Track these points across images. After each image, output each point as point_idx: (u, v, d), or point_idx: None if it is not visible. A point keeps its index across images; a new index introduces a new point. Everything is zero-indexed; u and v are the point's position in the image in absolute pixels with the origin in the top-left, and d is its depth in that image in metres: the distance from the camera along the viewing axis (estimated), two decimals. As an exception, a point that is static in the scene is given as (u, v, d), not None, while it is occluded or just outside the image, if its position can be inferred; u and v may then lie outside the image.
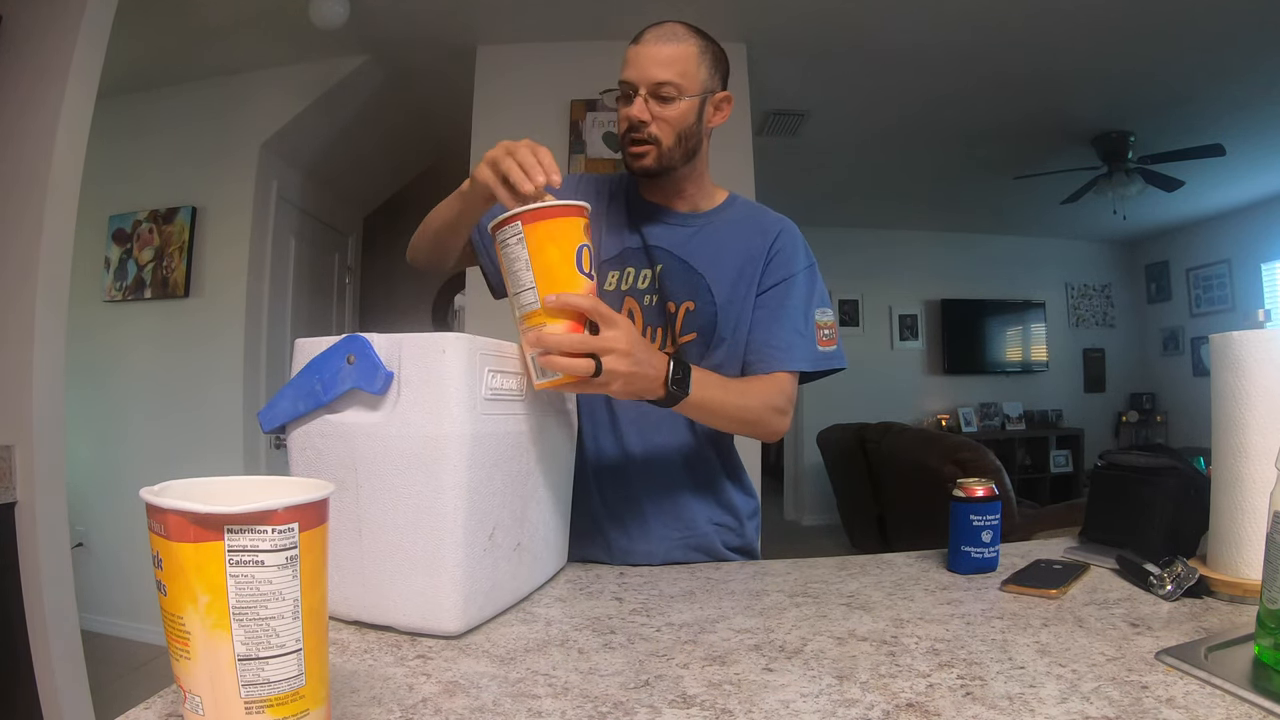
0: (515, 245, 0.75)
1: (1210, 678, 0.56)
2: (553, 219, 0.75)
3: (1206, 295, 5.69)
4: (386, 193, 4.48)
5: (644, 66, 0.96)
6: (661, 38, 0.97)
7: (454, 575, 0.67)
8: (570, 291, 0.75)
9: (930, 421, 5.90)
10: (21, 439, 1.75)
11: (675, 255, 1.05)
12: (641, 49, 0.97)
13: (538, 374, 0.77)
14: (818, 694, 0.55)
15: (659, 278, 1.04)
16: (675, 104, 0.97)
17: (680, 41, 0.97)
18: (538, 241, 0.74)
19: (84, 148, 1.90)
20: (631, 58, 0.98)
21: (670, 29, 0.98)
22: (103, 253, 3.15)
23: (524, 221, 0.74)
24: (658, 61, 0.96)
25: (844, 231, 5.86)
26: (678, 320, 1.04)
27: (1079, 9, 2.67)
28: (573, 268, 0.76)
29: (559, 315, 0.75)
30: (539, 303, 0.75)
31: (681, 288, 1.04)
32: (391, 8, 2.70)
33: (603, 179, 1.14)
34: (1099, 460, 1.08)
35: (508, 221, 0.75)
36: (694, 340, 1.03)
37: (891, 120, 3.80)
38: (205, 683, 0.42)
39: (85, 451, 2.94)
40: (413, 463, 0.67)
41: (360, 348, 0.70)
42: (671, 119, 0.98)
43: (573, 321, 0.76)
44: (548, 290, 0.74)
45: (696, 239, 1.05)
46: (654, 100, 0.97)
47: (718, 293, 1.03)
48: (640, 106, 0.97)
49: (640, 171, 1.01)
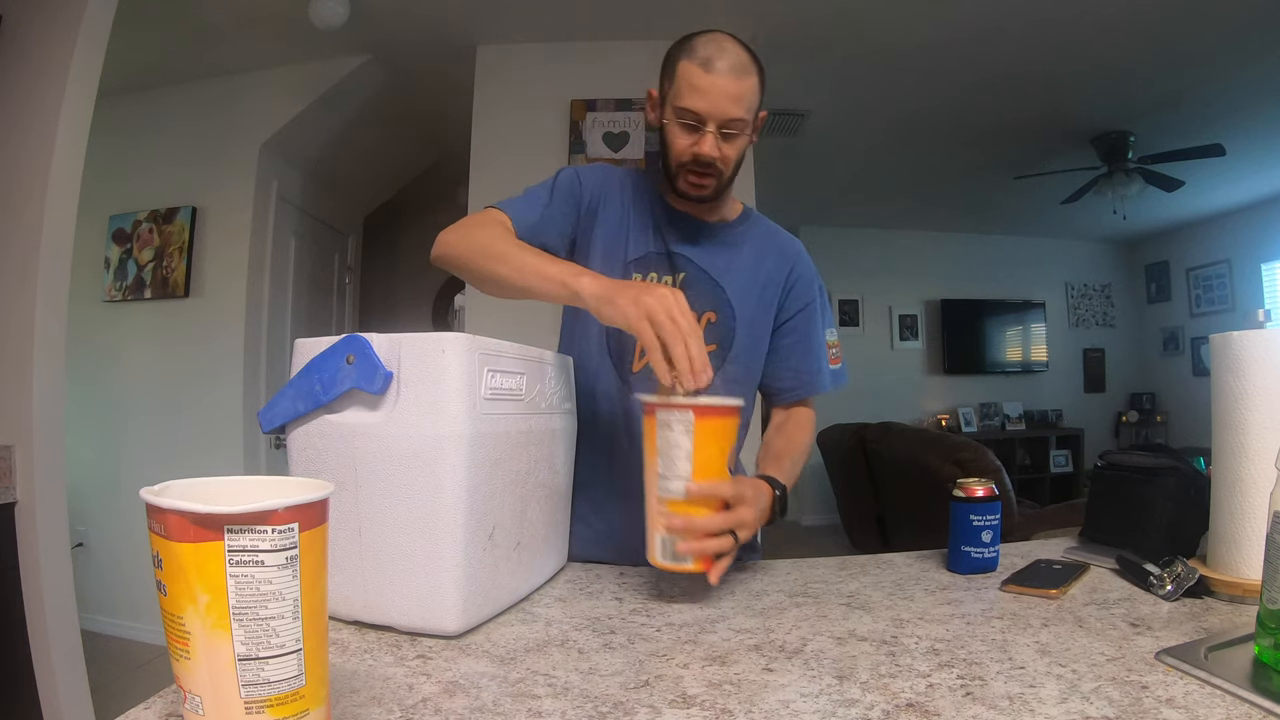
0: (680, 433, 0.75)
1: (1210, 678, 0.56)
2: (723, 418, 0.77)
3: (1206, 295, 5.69)
4: (386, 193, 4.48)
5: (718, 102, 0.92)
6: (735, 71, 0.93)
7: (454, 575, 0.67)
8: (717, 480, 0.76)
9: (930, 421, 5.90)
10: (21, 439, 1.75)
11: (697, 265, 1.05)
12: (716, 81, 0.92)
13: (666, 555, 0.77)
14: (818, 694, 0.55)
15: (681, 286, 1.04)
16: (739, 139, 0.97)
17: (749, 75, 0.94)
18: (704, 437, 0.75)
19: (84, 148, 1.90)
20: (702, 86, 0.93)
21: (738, 57, 0.94)
22: (103, 253, 3.15)
23: (697, 414, 0.75)
24: (732, 98, 0.93)
25: (844, 231, 5.86)
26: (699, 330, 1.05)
27: (1079, 9, 2.67)
28: (724, 465, 0.77)
29: (703, 505, 0.76)
30: (686, 492, 0.76)
31: (703, 298, 1.04)
32: (391, 8, 2.70)
33: (627, 174, 1.12)
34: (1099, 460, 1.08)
35: (678, 408, 0.75)
36: (713, 351, 1.04)
37: (891, 120, 3.80)
38: (205, 683, 0.42)
39: (85, 451, 2.94)
40: (412, 463, 0.67)
41: (360, 348, 0.69)
42: (735, 154, 0.98)
43: (713, 507, 0.77)
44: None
45: (718, 252, 1.06)
46: (722, 136, 0.95)
47: (738, 308, 1.05)
48: (712, 144, 0.94)
49: (697, 200, 1.01)
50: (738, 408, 0.79)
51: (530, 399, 0.81)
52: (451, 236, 0.96)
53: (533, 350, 0.83)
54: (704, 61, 0.93)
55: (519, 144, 2.88)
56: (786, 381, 1.11)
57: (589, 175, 1.07)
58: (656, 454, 0.77)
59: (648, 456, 0.79)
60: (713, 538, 0.76)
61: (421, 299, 5.19)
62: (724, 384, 1.05)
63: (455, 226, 0.97)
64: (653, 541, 0.78)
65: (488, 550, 0.71)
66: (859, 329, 5.94)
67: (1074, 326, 6.35)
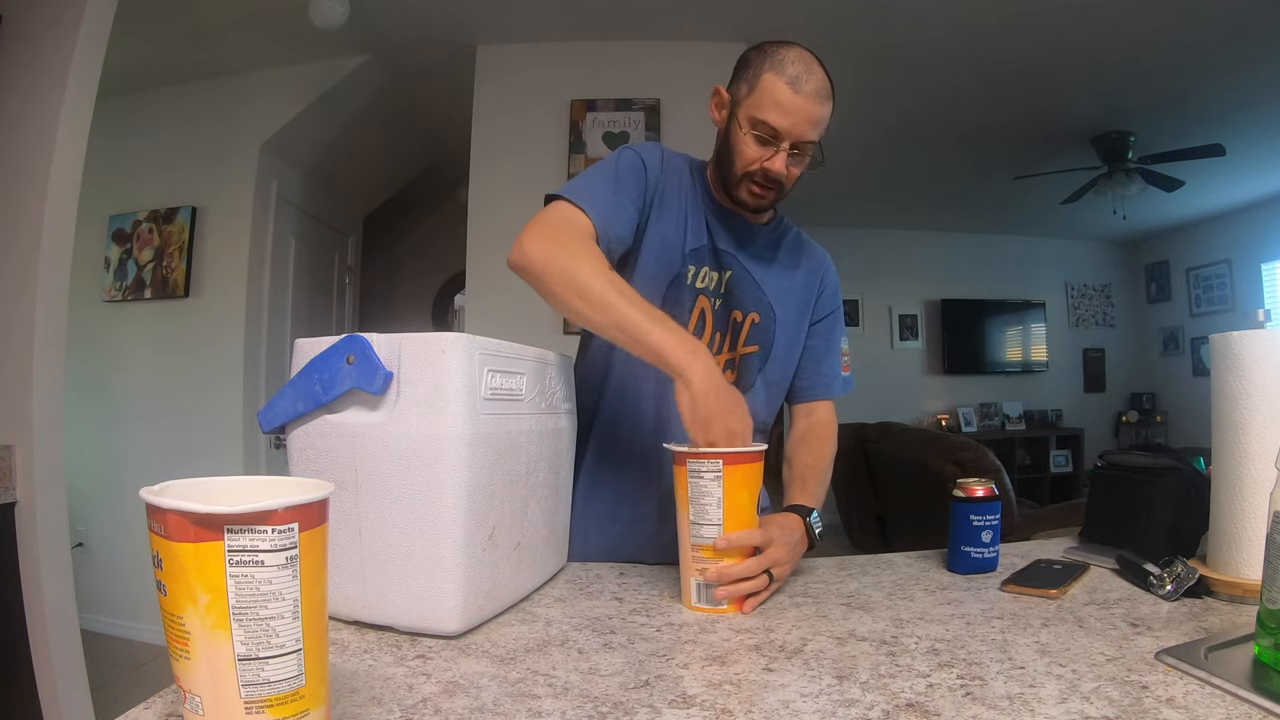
0: (710, 481, 0.78)
1: (1210, 678, 0.56)
2: (750, 464, 0.79)
3: (1206, 295, 5.69)
4: (386, 193, 4.48)
5: (800, 123, 0.92)
6: (820, 96, 0.93)
7: (454, 575, 0.67)
8: (745, 530, 0.78)
9: (930, 421, 5.90)
10: (21, 439, 1.75)
11: (742, 265, 1.06)
12: (802, 103, 0.92)
13: (701, 599, 0.79)
14: (818, 694, 0.55)
15: (728, 284, 1.05)
16: (806, 159, 0.97)
17: (829, 101, 0.94)
18: (734, 484, 0.77)
19: (84, 148, 1.90)
20: (788, 104, 0.92)
21: (822, 82, 0.93)
22: (103, 253, 3.15)
23: (726, 462, 0.77)
24: (813, 121, 0.93)
25: (844, 231, 5.85)
26: (743, 330, 1.05)
27: (1079, 9, 2.67)
28: (753, 509, 0.80)
29: (735, 552, 0.78)
30: (716, 546, 0.78)
31: (748, 297, 1.05)
32: (391, 8, 2.70)
33: (683, 160, 1.09)
34: (1099, 460, 1.08)
35: (708, 457, 0.78)
36: (755, 353, 1.06)
37: (891, 120, 3.80)
38: (205, 683, 0.42)
39: (85, 451, 2.94)
40: (412, 462, 0.67)
41: (360, 348, 0.69)
42: (798, 174, 0.98)
43: (745, 553, 0.79)
44: (732, 529, 0.78)
45: (762, 254, 1.08)
46: (793, 157, 0.95)
47: (779, 311, 1.07)
48: (784, 162, 0.94)
49: (755, 210, 1.02)
50: (763, 452, 0.81)
51: (531, 399, 0.81)
52: (537, 250, 0.86)
53: (533, 350, 0.83)
54: (793, 80, 0.91)
55: (519, 144, 2.88)
56: (806, 380, 1.14)
57: (651, 158, 1.03)
58: (689, 502, 0.79)
59: (679, 505, 0.81)
60: (747, 580, 0.78)
61: (421, 299, 5.19)
62: (764, 386, 1.07)
63: (539, 234, 0.88)
64: (688, 586, 0.80)
65: (488, 550, 0.71)
66: (859, 329, 5.93)
67: (1074, 326, 6.34)
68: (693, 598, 0.79)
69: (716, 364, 0.82)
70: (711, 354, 0.83)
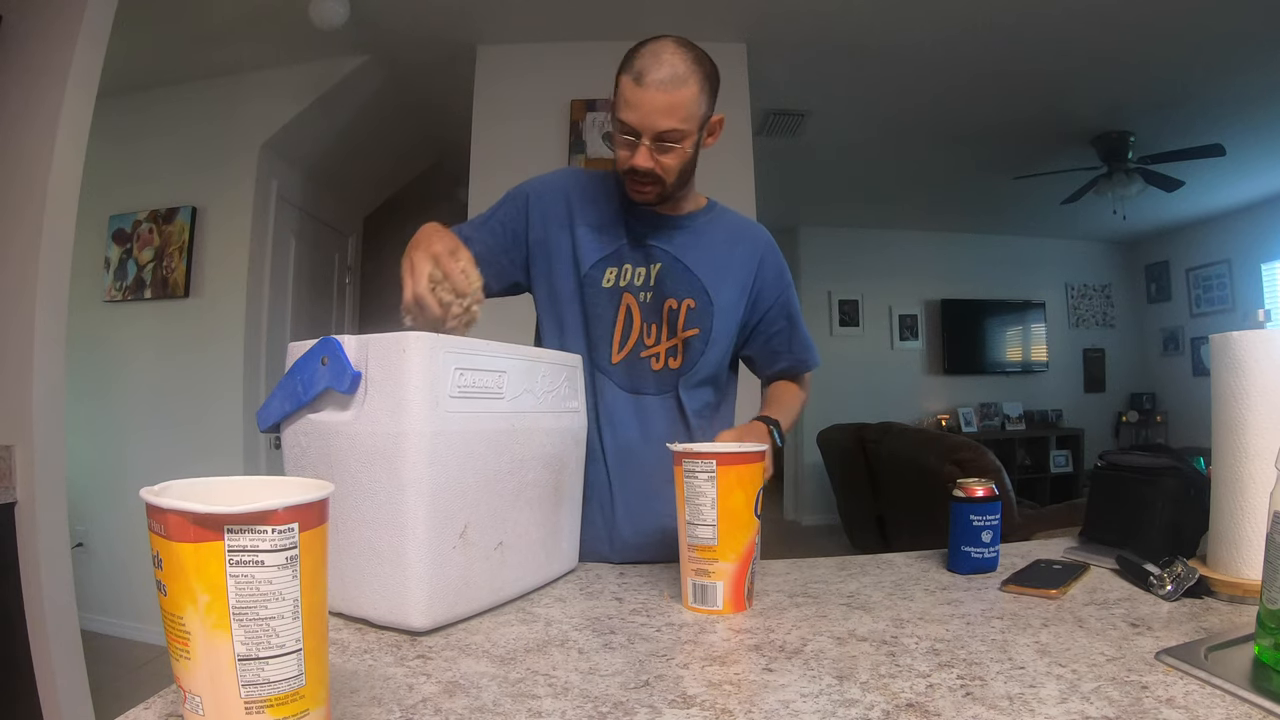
0: (704, 481, 0.77)
1: (1210, 678, 0.56)
2: (745, 464, 0.78)
3: (1206, 295, 5.69)
4: (386, 193, 4.48)
5: (647, 115, 0.92)
6: (667, 84, 0.91)
7: (418, 571, 0.68)
8: (745, 533, 0.78)
9: (930, 421, 5.90)
10: (21, 439, 1.75)
11: (672, 255, 1.08)
12: (644, 95, 0.92)
13: (697, 599, 0.79)
14: (818, 694, 0.55)
15: (658, 276, 1.07)
16: (678, 148, 0.96)
17: (684, 85, 0.92)
18: (728, 484, 0.77)
19: (84, 148, 1.90)
20: (633, 100, 0.93)
21: (671, 68, 0.92)
22: (103, 253, 3.15)
23: (719, 462, 0.77)
24: (662, 111, 0.92)
25: (844, 231, 5.86)
26: (680, 316, 1.07)
27: (1079, 8, 2.67)
28: (751, 511, 0.79)
29: (730, 552, 0.78)
30: (716, 540, 0.77)
31: (680, 285, 1.08)
32: (391, 8, 2.70)
33: (593, 176, 1.14)
34: (1099, 460, 1.08)
35: (701, 456, 0.78)
36: (697, 335, 1.08)
37: (891, 120, 3.80)
38: (205, 683, 0.42)
39: (85, 451, 2.94)
40: (377, 459, 0.69)
41: (332, 350, 0.72)
42: (674, 163, 0.98)
43: (743, 559, 0.79)
44: (727, 530, 0.77)
45: (690, 242, 1.09)
46: (657, 147, 0.95)
47: (715, 295, 1.08)
48: (644, 156, 0.95)
49: (643, 204, 1.04)
50: (762, 453, 0.81)
51: (514, 397, 0.81)
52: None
53: (523, 349, 0.84)
54: (636, 75, 0.93)
55: (519, 144, 2.88)
56: (783, 364, 1.18)
57: (565, 176, 1.14)
58: (685, 502, 0.79)
59: (679, 505, 0.81)
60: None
61: (421, 299, 5.18)
62: (706, 369, 1.10)
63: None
64: (685, 587, 0.80)
65: (458, 548, 0.72)
66: (859, 329, 5.93)
67: (1074, 326, 6.35)
68: (689, 598, 0.79)
69: (449, 233, 0.92)
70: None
